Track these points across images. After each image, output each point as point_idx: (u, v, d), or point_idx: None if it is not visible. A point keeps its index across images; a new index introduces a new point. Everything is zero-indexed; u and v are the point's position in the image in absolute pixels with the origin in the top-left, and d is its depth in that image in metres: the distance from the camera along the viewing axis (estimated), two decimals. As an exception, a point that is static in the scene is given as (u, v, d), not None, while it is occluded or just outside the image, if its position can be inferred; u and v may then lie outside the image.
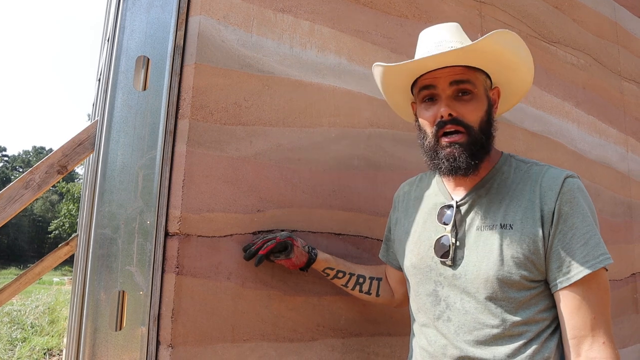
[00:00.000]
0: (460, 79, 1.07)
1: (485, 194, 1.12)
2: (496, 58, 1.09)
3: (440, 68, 1.09)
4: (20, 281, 2.75)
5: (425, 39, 1.17)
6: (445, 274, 1.11)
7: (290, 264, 1.34)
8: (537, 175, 1.07)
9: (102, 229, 1.26)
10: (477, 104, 1.08)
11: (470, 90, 1.08)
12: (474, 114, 1.08)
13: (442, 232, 1.13)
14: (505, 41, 1.07)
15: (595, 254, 0.99)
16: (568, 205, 1.02)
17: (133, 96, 1.34)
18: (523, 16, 2.22)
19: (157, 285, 1.28)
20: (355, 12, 1.68)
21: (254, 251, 1.32)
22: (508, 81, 1.18)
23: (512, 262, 1.02)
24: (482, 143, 1.09)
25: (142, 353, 1.25)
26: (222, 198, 1.35)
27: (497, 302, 1.03)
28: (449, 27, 1.16)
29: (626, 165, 2.62)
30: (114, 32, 1.41)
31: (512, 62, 1.12)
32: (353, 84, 1.64)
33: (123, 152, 1.31)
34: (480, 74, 1.11)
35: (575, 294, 0.99)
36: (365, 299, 1.43)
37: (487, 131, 1.11)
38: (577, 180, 1.05)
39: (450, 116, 1.06)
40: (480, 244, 1.07)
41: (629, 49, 2.80)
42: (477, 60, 1.09)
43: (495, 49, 1.07)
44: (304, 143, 1.51)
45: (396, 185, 1.47)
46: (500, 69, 1.13)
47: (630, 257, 2.52)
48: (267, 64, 1.47)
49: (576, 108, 2.39)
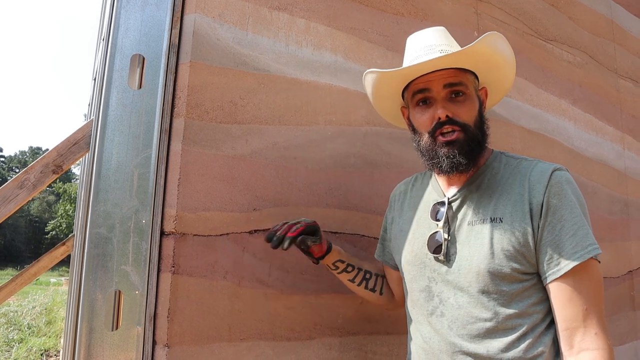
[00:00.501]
0: (453, 81, 1.11)
1: (476, 189, 1.14)
2: (485, 59, 1.13)
3: (434, 71, 1.12)
4: (17, 282, 2.74)
5: (413, 44, 1.20)
6: (439, 269, 1.12)
7: (320, 250, 1.29)
8: (525, 170, 1.09)
9: (98, 228, 1.25)
10: (470, 104, 1.12)
11: (463, 91, 1.12)
12: (469, 114, 1.11)
13: (435, 229, 1.15)
14: (494, 43, 1.11)
15: (584, 244, 0.99)
16: (556, 197, 1.03)
17: (128, 95, 1.33)
18: (519, 14, 2.22)
19: (153, 285, 1.28)
20: (351, 10, 1.67)
21: (282, 236, 1.21)
22: (494, 80, 1.22)
23: (502, 254, 1.03)
24: (479, 140, 1.12)
25: (138, 353, 1.24)
26: (218, 197, 1.34)
27: (490, 295, 1.04)
28: (436, 31, 1.19)
29: (623, 163, 2.62)
30: (108, 31, 1.41)
31: (498, 62, 1.17)
32: (349, 82, 1.63)
33: (118, 151, 1.30)
34: (470, 75, 1.15)
35: (566, 285, 1.00)
36: (367, 296, 1.41)
37: (482, 129, 1.14)
38: (565, 173, 1.07)
39: (447, 117, 1.09)
40: (472, 238, 1.09)
41: (625, 46, 2.80)
42: (468, 63, 1.12)
43: (485, 51, 1.11)
44: (300, 141, 1.51)
45: (392, 183, 1.47)
46: (487, 69, 1.17)
47: (627, 254, 2.53)
48: (262, 62, 1.46)
49: (573, 106, 2.39)
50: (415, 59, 1.14)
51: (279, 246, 1.21)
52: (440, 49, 1.14)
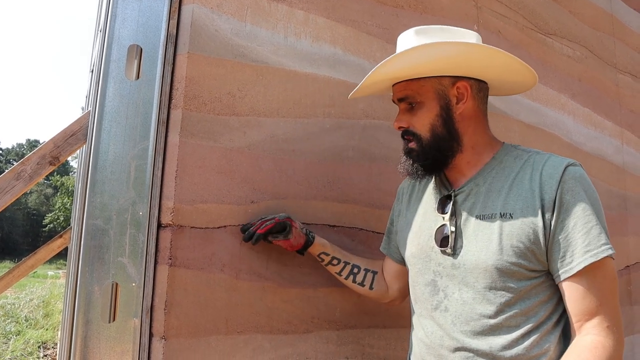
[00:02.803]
0: (401, 96, 1.17)
1: (483, 182, 1.12)
2: (444, 64, 1.09)
3: (395, 84, 1.19)
4: (13, 274, 2.73)
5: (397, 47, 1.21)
6: (445, 263, 1.11)
7: (287, 245, 1.34)
8: (537, 164, 1.06)
9: (94, 220, 1.25)
10: (424, 112, 1.13)
11: (415, 101, 1.14)
12: (421, 123, 1.14)
13: (442, 222, 1.14)
14: (424, 53, 1.05)
15: (598, 243, 0.97)
16: (569, 194, 1.00)
17: (125, 86, 1.32)
18: (519, 7, 2.21)
19: (150, 277, 1.27)
20: (350, 2, 1.66)
21: (253, 232, 1.31)
22: (496, 76, 1.17)
23: (511, 251, 1.01)
24: (438, 146, 1.12)
25: (135, 345, 1.24)
26: (216, 189, 1.34)
27: (496, 292, 1.02)
28: (413, 35, 1.14)
29: (621, 158, 2.62)
30: (106, 21, 1.39)
31: (470, 60, 1.10)
32: (348, 74, 1.62)
33: (115, 142, 1.29)
34: (427, 80, 1.13)
35: (578, 284, 0.98)
36: (358, 290, 1.42)
37: (444, 133, 1.12)
38: (579, 169, 1.04)
39: (401, 128, 1.16)
40: (479, 233, 1.07)
41: (624, 41, 2.79)
42: (414, 73, 1.12)
43: (419, 62, 1.07)
44: (298, 134, 1.50)
45: (391, 176, 1.47)
46: (466, 67, 1.11)
47: (624, 249, 2.53)
48: (261, 53, 1.45)
49: (572, 100, 2.38)
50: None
51: (248, 241, 1.32)
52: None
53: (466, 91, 1.14)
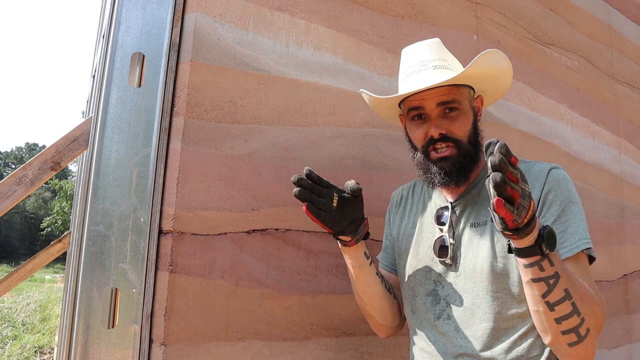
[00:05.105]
0: (446, 99, 1.12)
1: (477, 193, 1.16)
2: (480, 75, 1.14)
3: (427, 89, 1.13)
4: (12, 278, 2.73)
5: (408, 58, 1.21)
6: (445, 273, 1.14)
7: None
8: (524, 170, 1.09)
9: (96, 226, 1.25)
10: (464, 119, 1.13)
11: (457, 107, 1.13)
12: (462, 129, 1.13)
13: (440, 233, 1.17)
14: (491, 62, 1.12)
15: (573, 239, 1.00)
16: (552, 193, 1.05)
17: (128, 93, 1.33)
18: (518, 18, 2.23)
19: (150, 283, 1.28)
20: (351, 12, 1.68)
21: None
22: (490, 87, 1.22)
23: (503, 252, 1.05)
24: (472, 155, 1.14)
25: (135, 351, 1.24)
26: (217, 196, 1.34)
27: (495, 294, 1.05)
28: (430, 45, 1.19)
29: (619, 167, 2.64)
30: (109, 29, 1.41)
31: (494, 73, 1.17)
32: (349, 83, 1.63)
33: (117, 148, 1.30)
34: (464, 88, 1.16)
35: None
36: (386, 298, 1.26)
37: (475, 141, 1.16)
38: (561, 171, 1.08)
39: (441, 134, 1.11)
40: (474, 240, 1.11)
41: (622, 51, 2.81)
42: (462, 80, 1.13)
43: (479, 70, 1.12)
44: (299, 142, 1.51)
45: (391, 185, 1.47)
46: (482, 81, 1.18)
47: (622, 258, 2.54)
48: (262, 62, 1.46)
49: (570, 110, 2.40)
50: (410, 75, 1.16)
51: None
52: (434, 64, 1.15)
53: (481, 104, 1.22)
